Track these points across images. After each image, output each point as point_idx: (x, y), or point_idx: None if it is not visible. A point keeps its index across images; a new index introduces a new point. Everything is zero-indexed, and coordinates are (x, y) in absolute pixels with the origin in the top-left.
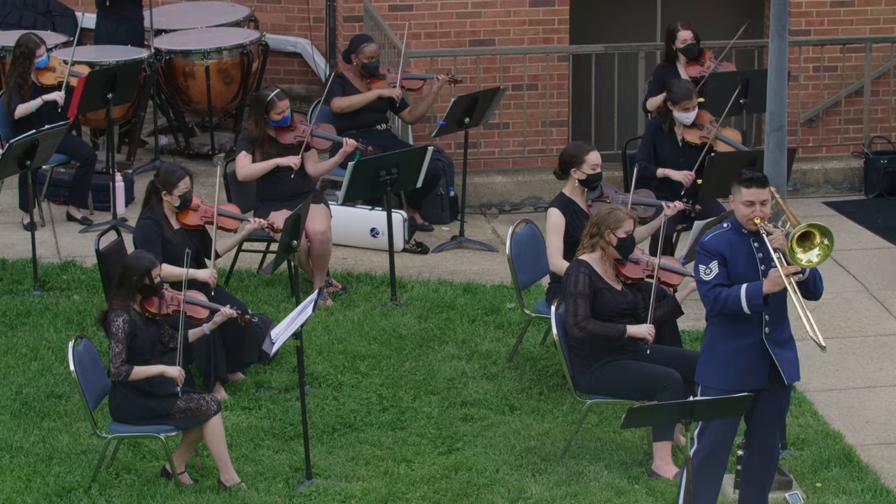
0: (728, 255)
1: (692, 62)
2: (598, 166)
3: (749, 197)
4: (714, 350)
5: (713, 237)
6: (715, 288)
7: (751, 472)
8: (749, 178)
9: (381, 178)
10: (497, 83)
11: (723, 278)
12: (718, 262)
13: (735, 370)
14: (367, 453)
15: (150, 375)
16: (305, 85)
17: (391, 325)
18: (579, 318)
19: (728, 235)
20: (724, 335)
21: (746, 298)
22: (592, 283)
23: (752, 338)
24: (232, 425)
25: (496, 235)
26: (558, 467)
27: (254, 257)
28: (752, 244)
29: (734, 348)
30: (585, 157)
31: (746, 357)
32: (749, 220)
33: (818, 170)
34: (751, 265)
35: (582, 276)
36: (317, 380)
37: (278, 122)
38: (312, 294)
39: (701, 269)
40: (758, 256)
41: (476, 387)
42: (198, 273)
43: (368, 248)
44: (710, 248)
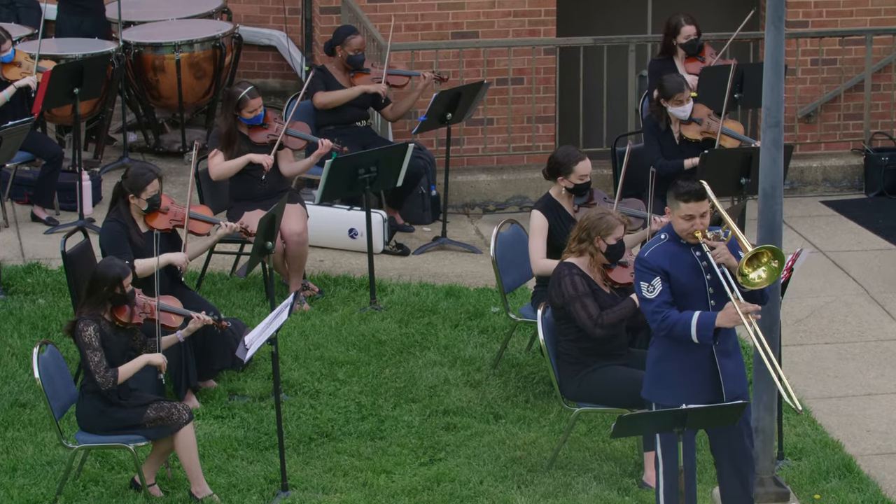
0: (670, 269)
1: (692, 58)
2: (587, 176)
3: (688, 211)
4: (663, 367)
5: (653, 251)
6: (661, 308)
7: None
8: (686, 191)
9: (360, 176)
10: (481, 77)
11: (666, 295)
12: (661, 277)
13: (687, 387)
14: (346, 464)
15: (136, 370)
16: (280, 79)
17: (370, 330)
18: (594, 316)
19: (668, 248)
20: (674, 351)
21: (697, 329)
22: (587, 283)
23: (702, 350)
24: (204, 435)
25: (480, 236)
26: (545, 479)
27: (227, 259)
28: (693, 254)
29: (685, 364)
30: (574, 166)
31: (698, 372)
32: (689, 235)
33: (816, 168)
34: (695, 276)
35: (576, 277)
36: (293, 387)
37: (250, 121)
38: (288, 298)
39: (643, 286)
40: (702, 265)
41: (459, 394)
42: (172, 257)
43: (346, 250)
44: (650, 264)
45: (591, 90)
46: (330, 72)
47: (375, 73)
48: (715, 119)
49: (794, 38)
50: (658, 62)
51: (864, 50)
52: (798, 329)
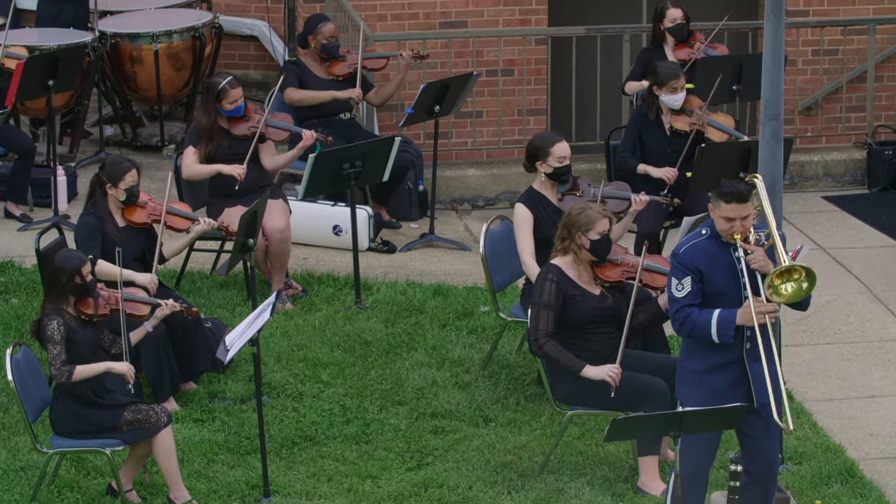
0: (705, 268)
1: (681, 44)
2: (566, 158)
3: (728, 213)
4: (689, 366)
5: (689, 248)
6: (684, 309)
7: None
8: (728, 192)
9: (345, 171)
10: (470, 68)
11: (694, 297)
12: (693, 277)
13: (712, 388)
14: (330, 469)
15: (94, 374)
16: (262, 71)
17: (355, 330)
18: (539, 332)
19: (706, 245)
20: (701, 350)
21: (717, 327)
22: (561, 291)
23: (731, 354)
24: (183, 439)
25: (469, 233)
26: (536, 484)
27: (207, 257)
28: (733, 254)
29: (711, 365)
30: (551, 149)
31: (724, 375)
32: (729, 235)
33: (817, 162)
34: (731, 277)
35: (549, 284)
36: (275, 389)
37: (231, 113)
38: (270, 297)
39: (673, 283)
40: (739, 268)
41: (447, 397)
42: (136, 277)
43: (331, 247)
44: (685, 262)
45: (583, 82)
46: (305, 64)
47: (352, 59)
48: (706, 111)
49: (795, 28)
50: (648, 50)
51: (866, 40)
52: (798, 329)
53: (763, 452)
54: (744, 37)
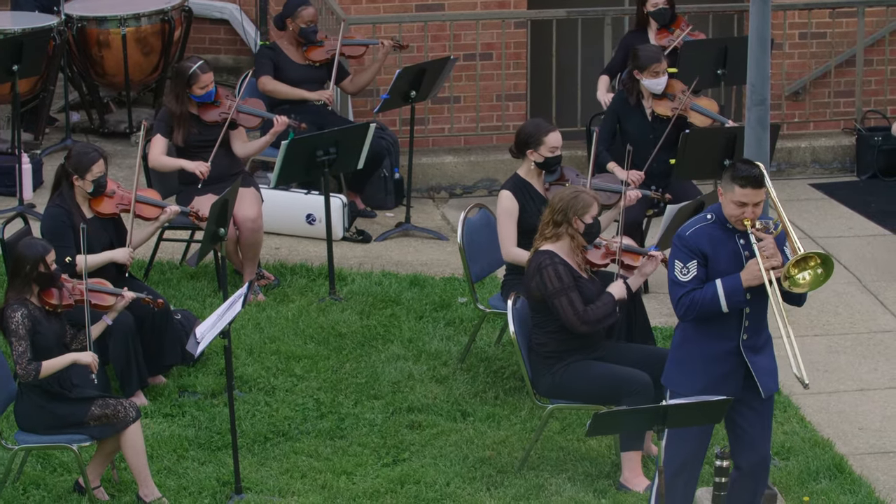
0: (709, 252)
1: (662, 29)
2: (558, 149)
3: (742, 198)
4: (684, 353)
5: (695, 231)
6: (689, 294)
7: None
8: (744, 175)
9: (318, 158)
10: (447, 52)
11: (699, 282)
12: (698, 261)
13: (707, 376)
14: (303, 465)
15: (61, 367)
16: (234, 55)
17: (329, 322)
18: (580, 312)
19: (710, 230)
20: (697, 338)
21: (725, 296)
22: (570, 273)
23: (727, 343)
24: (152, 434)
25: (446, 222)
26: (516, 480)
27: (176, 247)
28: (738, 241)
29: (707, 353)
30: (544, 137)
31: (721, 364)
32: (738, 221)
33: (805, 148)
34: (735, 264)
35: (559, 267)
36: (247, 383)
37: (201, 98)
38: (242, 288)
39: (677, 266)
40: (744, 255)
41: (424, 391)
42: (113, 254)
43: (304, 237)
44: (690, 245)
45: (564, 66)
46: (281, 48)
47: (329, 45)
48: (689, 95)
49: (782, 10)
50: (630, 35)
51: (855, 23)
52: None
53: (755, 447)
54: (729, 19)
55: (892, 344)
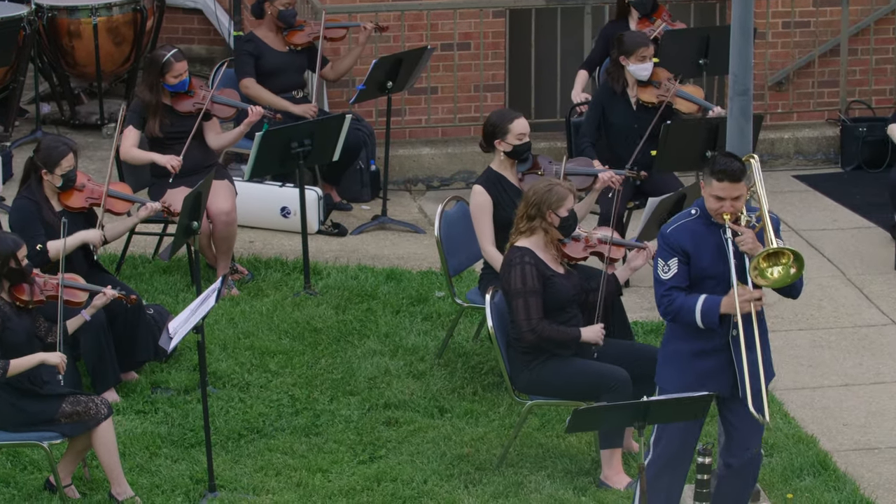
0: (692, 249)
1: (644, 19)
2: (526, 135)
3: (719, 192)
4: (673, 348)
5: (677, 228)
6: (670, 291)
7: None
8: (721, 169)
9: (293, 150)
10: (424, 42)
11: (680, 280)
12: (679, 259)
13: (695, 373)
14: (278, 462)
15: (29, 367)
16: (207, 45)
17: (305, 316)
18: (533, 320)
19: (693, 226)
20: (686, 333)
21: (701, 314)
22: (541, 274)
23: (716, 339)
24: (124, 431)
25: (423, 215)
26: (495, 477)
27: (149, 241)
28: (722, 236)
29: (696, 349)
30: (509, 125)
31: (708, 360)
32: (717, 215)
33: (788, 139)
34: (719, 259)
35: (528, 268)
36: (220, 379)
37: (175, 87)
38: (215, 282)
39: (659, 264)
40: (730, 250)
41: (401, 386)
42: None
43: (279, 230)
44: (671, 242)
45: (543, 56)
46: (259, 37)
47: (310, 29)
48: (674, 83)
49: None
50: (611, 24)
51: (839, 11)
52: (769, 314)
53: (746, 444)
54: (711, 8)
55: (876, 338)
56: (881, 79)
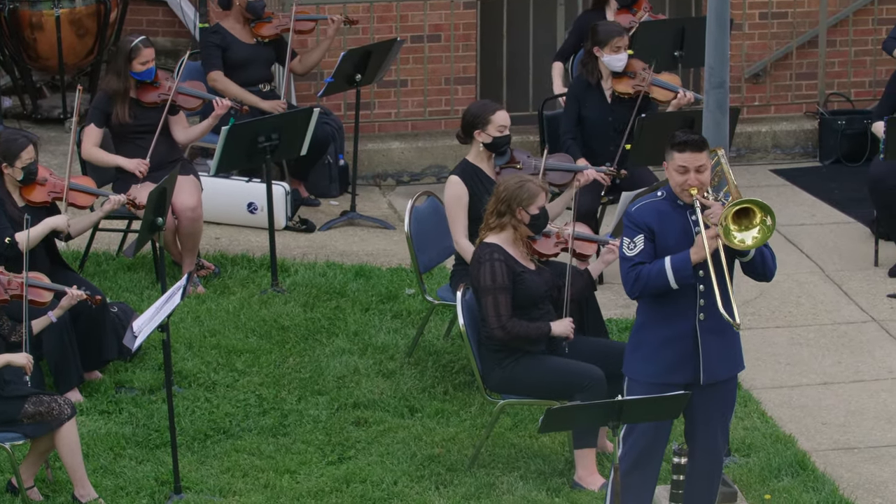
0: (657, 227)
1: (623, 9)
2: (506, 128)
3: (682, 162)
4: (641, 338)
5: (642, 206)
6: (636, 267)
7: (692, 484)
8: (683, 140)
9: (260, 144)
10: (393, 34)
11: (646, 256)
12: (645, 235)
13: (664, 362)
14: (245, 463)
15: None
16: (172, 38)
17: (272, 314)
18: (503, 317)
19: (660, 205)
20: (653, 321)
21: (673, 270)
22: (511, 271)
23: (684, 325)
24: (88, 432)
25: (393, 210)
26: (466, 478)
27: (113, 237)
28: (688, 217)
29: (663, 337)
30: (491, 116)
31: (677, 347)
32: (683, 191)
33: (765, 132)
34: (684, 240)
35: (498, 265)
36: (186, 379)
37: (141, 75)
38: (181, 279)
39: (625, 242)
40: (695, 231)
41: (370, 386)
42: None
43: (245, 226)
44: (636, 220)
45: (515, 48)
46: (226, 29)
47: (279, 21)
48: (649, 72)
49: None
50: (587, 15)
51: (818, 2)
52: (746, 311)
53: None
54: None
55: (856, 336)
56: (860, 71)
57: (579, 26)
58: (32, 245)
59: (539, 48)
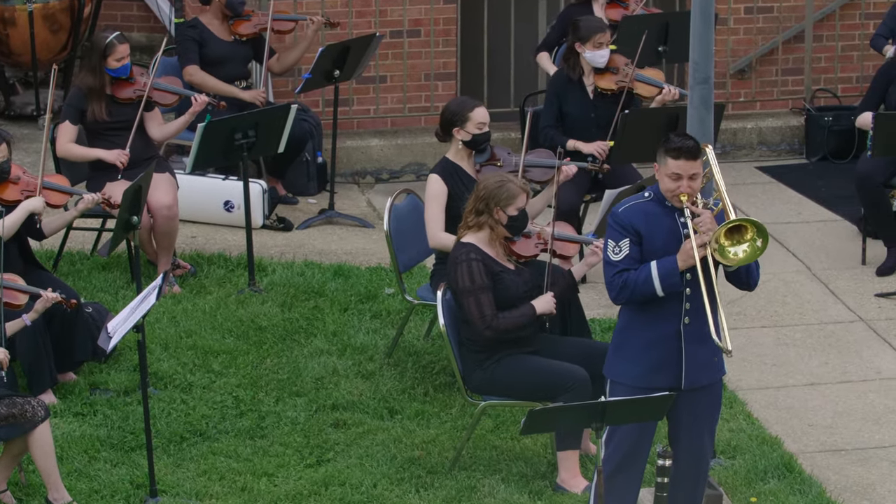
0: (644, 230)
1: (613, 3)
2: (486, 125)
3: (676, 169)
4: (624, 340)
5: (628, 208)
6: (621, 274)
7: (677, 487)
8: (678, 147)
9: (237, 141)
10: (372, 29)
11: (632, 261)
12: (631, 239)
13: (646, 364)
14: (222, 466)
15: None
16: (147, 33)
17: (249, 314)
18: (487, 316)
19: (647, 206)
20: (637, 323)
21: (660, 277)
22: (489, 270)
23: (667, 328)
24: (62, 434)
25: (372, 209)
26: (447, 481)
27: (87, 237)
28: (677, 219)
29: (647, 339)
30: (469, 113)
31: (660, 350)
32: (674, 196)
33: (751, 129)
34: (672, 243)
35: (476, 265)
36: (162, 380)
37: (117, 72)
38: (156, 279)
39: (609, 245)
40: (683, 233)
41: (349, 387)
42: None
43: (222, 225)
44: (622, 222)
45: (496, 44)
46: (204, 24)
47: (258, 19)
48: (632, 67)
49: None
50: (573, 7)
51: None
52: (731, 311)
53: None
54: None
55: (843, 336)
56: (847, 66)
57: (564, 18)
58: (11, 233)
59: (520, 43)
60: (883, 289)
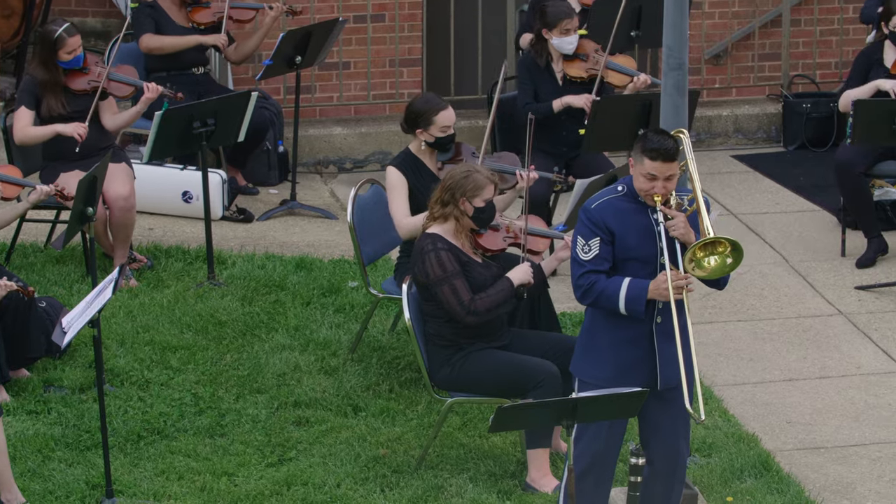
0: (617, 228)
1: None
2: (450, 128)
3: (652, 170)
4: (593, 338)
5: (601, 204)
6: (589, 275)
7: (651, 487)
8: (654, 147)
9: (195, 130)
10: (335, 14)
11: (601, 262)
12: (602, 238)
13: (616, 364)
14: (181, 465)
15: None
16: (102, 18)
17: (208, 309)
18: (465, 302)
19: (619, 203)
20: (606, 321)
21: (626, 301)
22: (457, 258)
23: (639, 328)
24: (15, 433)
25: (335, 199)
26: (413, 480)
27: (41, 228)
28: (651, 216)
29: (617, 338)
30: (434, 117)
31: (629, 349)
32: (648, 196)
33: (727, 116)
34: (647, 240)
35: (444, 254)
36: (118, 377)
37: (69, 64)
38: (112, 273)
39: (579, 243)
40: (657, 230)
41: (312, 383)
42: None
43: (180, 216)
44: (594, 219)
45: (463, 29)
46: (162, 8)
47: (217, 6)
48: (603, 54)
49: None
50: None
51: None
52: (706, 304)
53: (665, 440)
54: None
55: (822, 330)
56: (826, 51)
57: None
58: None
59: (488, 29)
60: (863, 281)
